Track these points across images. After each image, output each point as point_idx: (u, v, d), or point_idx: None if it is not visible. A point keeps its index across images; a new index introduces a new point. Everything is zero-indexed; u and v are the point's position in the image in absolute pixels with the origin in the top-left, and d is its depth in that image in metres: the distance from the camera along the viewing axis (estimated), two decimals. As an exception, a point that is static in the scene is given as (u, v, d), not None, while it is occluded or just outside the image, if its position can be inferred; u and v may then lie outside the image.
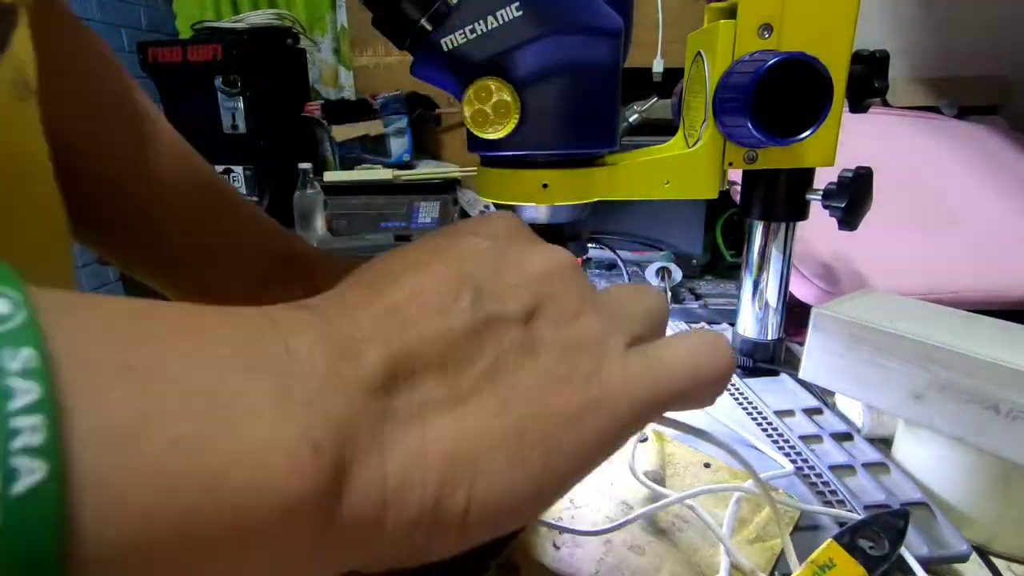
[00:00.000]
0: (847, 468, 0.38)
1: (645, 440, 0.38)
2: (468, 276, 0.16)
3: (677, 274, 0.66)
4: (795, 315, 0.53)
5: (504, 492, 0.15)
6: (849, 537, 0.27)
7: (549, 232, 0.44)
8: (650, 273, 0.66)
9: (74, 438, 0.10)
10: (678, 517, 0.32)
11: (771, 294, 0.49)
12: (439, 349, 0.15)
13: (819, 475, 0.37)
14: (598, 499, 0.34)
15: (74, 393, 0.10)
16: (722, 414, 0.43)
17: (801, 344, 0.58)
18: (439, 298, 0.16)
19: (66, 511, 0.10)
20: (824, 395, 0.47)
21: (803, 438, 0.41)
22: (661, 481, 0.34)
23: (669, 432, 0.36)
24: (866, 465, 0.38)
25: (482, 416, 0.15)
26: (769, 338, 0.51)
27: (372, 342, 0.14)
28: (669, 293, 0.66)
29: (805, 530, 0.33)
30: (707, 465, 0.37)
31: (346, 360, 0.14)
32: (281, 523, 0.12)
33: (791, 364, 0.52)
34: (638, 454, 0.36)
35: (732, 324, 0.54)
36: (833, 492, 0.35)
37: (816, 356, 0.41)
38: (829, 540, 0.27)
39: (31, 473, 0.09)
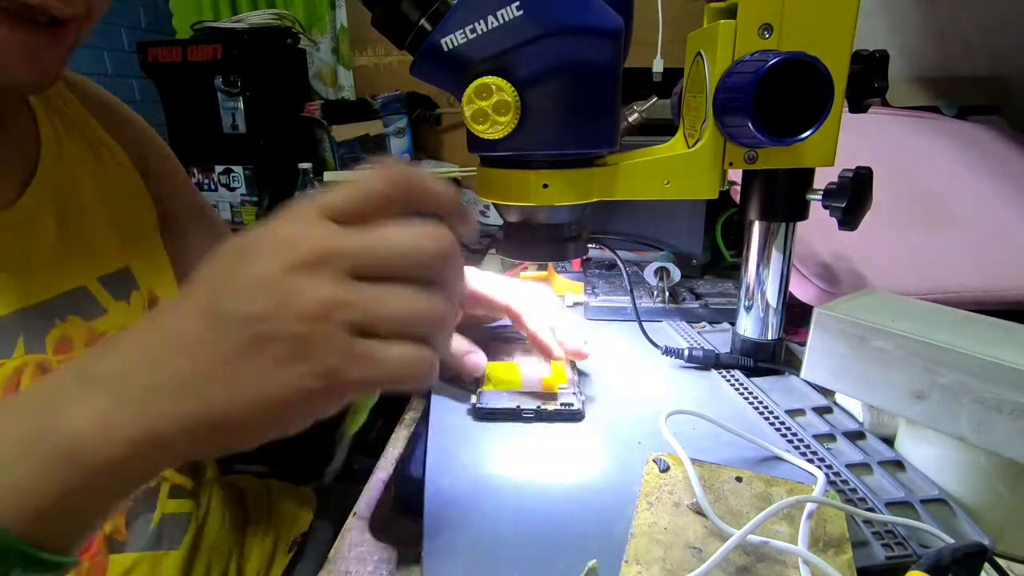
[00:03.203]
0: (864, 467, 0.38)
1: (667, 470, 0.36)
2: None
3: (675, 274, 0.66)
4: (795, 315, 0.53)
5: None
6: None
7: (549, 232, 0.44)
8: (648, 273, 0.66)
9: None
10: (746, 542, 0.30)
11: (771, 294, 0.49)
12: None
13: (837, 474, 0.37)
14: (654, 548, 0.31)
15: None
16: (735, 417, 0.43)
17: (801, 344, 0.58)
18: None
19: None
20: (824, 394, 0.47)
21: (817, 437, 0.41)
22: (706, 509, 0.32)
23: (680, 453, 0.35)
24: (882, 463, 0.38)
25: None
26: (769, 338, 0.51)
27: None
28: (667, 293, 0.66)
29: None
30: (739, 479, 0.35)
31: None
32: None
33: (791, 364, 0.52)
34: (678, 489, 0.34)
35: (732, 324, 0.54)
36: (854, 491, 0.35)
37: (818, 356, 0.41)
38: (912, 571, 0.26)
39: None
